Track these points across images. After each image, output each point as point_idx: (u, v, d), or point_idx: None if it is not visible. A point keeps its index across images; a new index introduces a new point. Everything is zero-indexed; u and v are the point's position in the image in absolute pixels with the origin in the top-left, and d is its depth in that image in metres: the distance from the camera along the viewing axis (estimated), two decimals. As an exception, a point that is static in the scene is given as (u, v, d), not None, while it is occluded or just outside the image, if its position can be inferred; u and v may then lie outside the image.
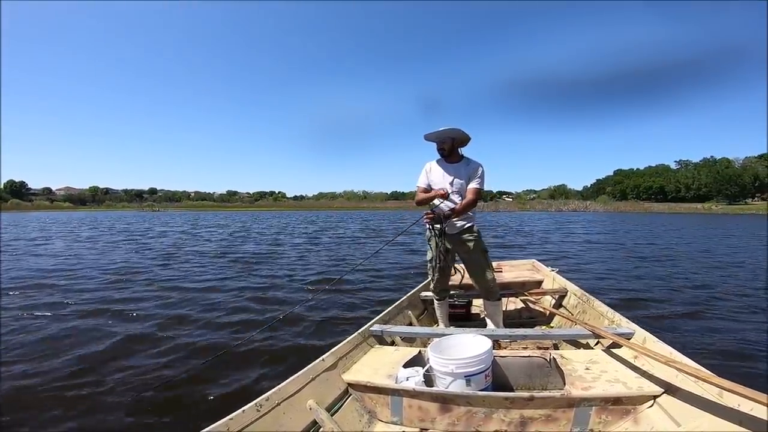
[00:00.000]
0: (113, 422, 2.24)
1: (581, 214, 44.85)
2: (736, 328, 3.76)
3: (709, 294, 5.23)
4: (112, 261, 8.44)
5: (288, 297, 5.11)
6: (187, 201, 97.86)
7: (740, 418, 1.33)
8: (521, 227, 21.30)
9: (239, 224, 24.71)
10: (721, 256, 9.42)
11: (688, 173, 73.46)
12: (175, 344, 3.36)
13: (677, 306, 4.59)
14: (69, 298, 4.96)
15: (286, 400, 1.64)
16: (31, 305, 4.62)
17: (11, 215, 43.61)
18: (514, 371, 2.03)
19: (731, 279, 6.39)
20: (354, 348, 2.21)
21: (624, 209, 58.56)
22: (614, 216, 39.49)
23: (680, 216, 40.29)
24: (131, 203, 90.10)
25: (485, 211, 55.34)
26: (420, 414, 1.77)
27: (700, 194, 67.53)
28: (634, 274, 6.81)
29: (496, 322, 2.83)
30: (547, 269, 4.15)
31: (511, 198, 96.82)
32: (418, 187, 2.79)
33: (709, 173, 68.66)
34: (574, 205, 65.04)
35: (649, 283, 5.95)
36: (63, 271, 7.14)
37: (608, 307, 2.76)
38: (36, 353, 3.16)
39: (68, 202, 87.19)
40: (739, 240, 13.79)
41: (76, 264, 7.99)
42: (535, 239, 14.31)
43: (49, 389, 2.59)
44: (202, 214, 46.21)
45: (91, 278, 6.38)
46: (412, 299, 3.29)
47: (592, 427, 1.64)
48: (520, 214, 45.02)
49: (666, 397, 1.62)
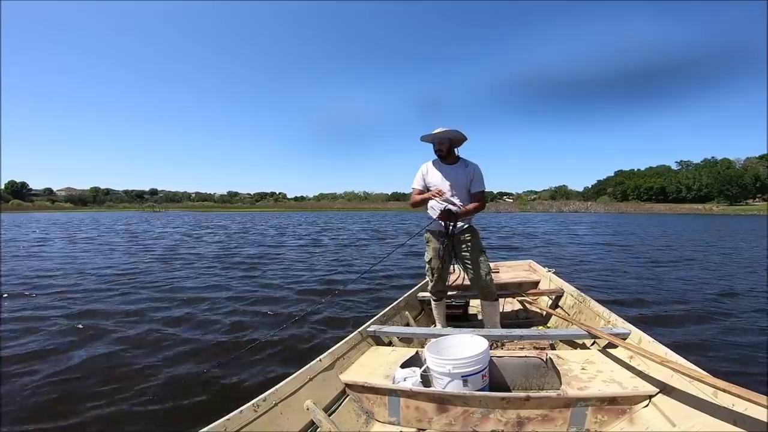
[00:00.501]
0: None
1: (583, 215, 44.69)
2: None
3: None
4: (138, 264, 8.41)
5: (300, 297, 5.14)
6: (188, 202, 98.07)
7: (735, 417, 1.33)
8: (526, 229, 20.75)
9: (245, 224, 24.53)
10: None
11: (689, 174, 73.51)
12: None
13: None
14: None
15: (284, 400, 1.64)
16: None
17: (11, 216, 43.63)
18: (511, 371, 2.03)
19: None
20: (351, 348, 2.21)
21: (625, 210, 58.59)
22: (619, 217, 39.08)
23: (685, 217, 39.65)
24: (132, 204, 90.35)
25: (487, 212, 55.35)
26: (417, 414, 1.78)
27: (701, 195, 67.54)
28: (659, 280, 6.35)
29: (494, 323, 2.82)
30: (544, 270, 4.15)
31: (511, 199, 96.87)
32: (413, 189, 2.77)
33: (710, 174, 68.72)
34: (575, 206, 65.12)
35: (678, 291, 5.56)
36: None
37: (604, 308, 2.76)
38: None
39: (69, 202, 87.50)
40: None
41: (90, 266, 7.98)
42: (539, 242, 13.81)
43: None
44: (204, 215, 46.15)
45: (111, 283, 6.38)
46: (410, 300, 3.29)
47: (589, 427, 1.64)
48: (522, 216, 44.84)
49: (661, 397, 1.62)
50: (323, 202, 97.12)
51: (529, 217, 37.99)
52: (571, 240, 14.49)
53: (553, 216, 43.43)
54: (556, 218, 36.99)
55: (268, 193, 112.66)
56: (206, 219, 34.41)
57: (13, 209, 67.14)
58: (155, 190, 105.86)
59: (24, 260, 8.72)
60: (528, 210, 62.25)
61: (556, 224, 25.97)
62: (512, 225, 24.61)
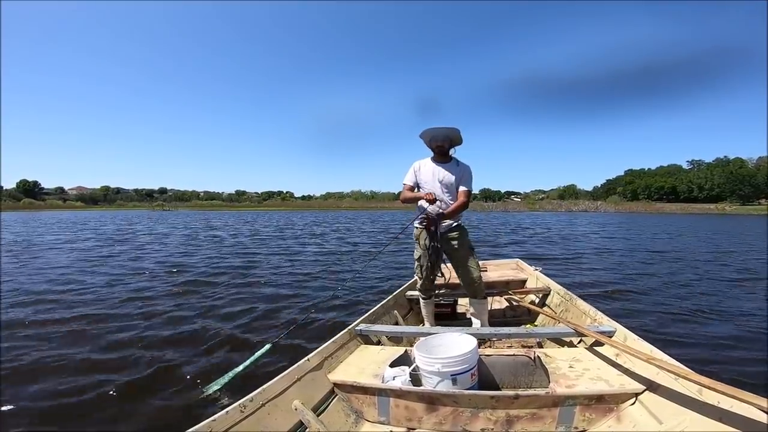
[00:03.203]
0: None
1: (593, 215, 44.00)
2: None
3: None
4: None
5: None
6: (197, 201, 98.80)
7: (721, 414, 1.34)
8: (568, 231, 17.98)
9: (271, 224, 24.03)
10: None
11: (701, 173, 72.23)
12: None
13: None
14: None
15: (271, 400, 1.63)
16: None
17: (22, 214, 44.26)
18: (500, 370, 2.04)
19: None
20: (340, 348, 2.21)
21: (636, 210, 57.73)
22: (634, 217, 37.96)
23: (708, 218, 37.70)
24: (142, 202, 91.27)
25: (494, 211, 55.00)
26: (407, 413, 1.78)
27: (713, 195, 66.41)
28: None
29: (482, 321, 2.84)
30: (531, 268, 4.17)
31: (519, 198, 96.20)
32: (404, 184, 2.80)
33: (722, 173, 67.47)
34: (585, 206, 64.42)
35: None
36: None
37: (590, 306, 2.77)
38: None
39: (80, 201, 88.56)
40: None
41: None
42: (572, 244, 12.18)
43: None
44: (216, 214, 46.12)
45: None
46: (398, 298, 3.29)
47: (577, 425, 1.64)
48: (533, 215, 44.28)
49: (648, 394, 1.63)
50: (330, 201, 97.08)
51: (567, 218, 34.93)
52: (594, 243, 12.58)
53: (576, 215, 42.63)
54: (569, 217, 36.35)
55: (275, 192, 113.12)
56: (221, 218, 34.15)
57: (25, 208, 68.20)
58: (164, 189, 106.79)
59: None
60: (537, 209, 61.64)
61: (597, 226, 23.03)
62: (549, 226, 22.01)
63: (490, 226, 22.09)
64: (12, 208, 63.85)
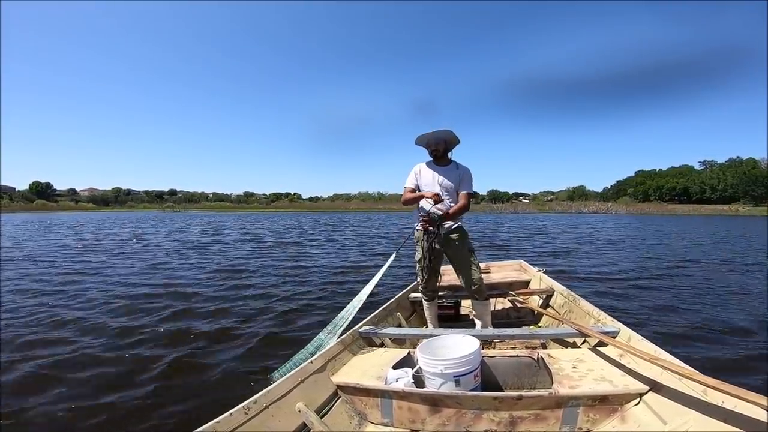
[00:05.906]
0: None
1: (606, 217, 43.13)
2: None
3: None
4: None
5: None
6: (205, 202, 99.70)
7: (725, 415, 1.33)
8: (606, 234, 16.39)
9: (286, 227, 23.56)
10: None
11: (713, 174, 70.96)
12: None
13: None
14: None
15: (275, 402, 1.64)
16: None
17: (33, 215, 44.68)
18: (503, 371, 2.03)
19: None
20: (343, 350, 2.22)
21: (648, 211, 56.95)
22: (649, 219, 36.70)
23: (726, 219, 36.26)
24: (152, 204, 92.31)
25: (503, 213, 54.57)
26: (410, 415, 1.78)
27: (726, 195, 65.25)
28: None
29: (485, 322, 2.83)
30: (534, 269, 4.15)
31: (528, 199, 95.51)
32: (405, 187, 2.82)
33: (735, 174, 66.24)
34: (595, 207, 63.84)
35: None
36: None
37: (594, 306, 2.76)
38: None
39: (92, 202, 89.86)
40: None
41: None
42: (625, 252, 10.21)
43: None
44: (226, 216, 45.83)
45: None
46: (401, 300, 3.30)
47: (581, 426, 1.63)
48: (544, 216, 43.66)
49: (652, 395, 1.62)
50: (338, 203, 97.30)
51: (583, 220, 33.64)
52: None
53: (585, 217, 41.73)
54: (602, 219, 35.22)
55: (283, 194, 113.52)
56: (233, 220, 34.13)
57: (37, 209, 69.38)
58: (174, 191, 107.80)
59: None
60: (547, 211, 61.15)
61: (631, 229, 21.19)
62: (570, 229, 20.79)
63: (505, 229, 21.11)
64: (25, 209, 65.05)
